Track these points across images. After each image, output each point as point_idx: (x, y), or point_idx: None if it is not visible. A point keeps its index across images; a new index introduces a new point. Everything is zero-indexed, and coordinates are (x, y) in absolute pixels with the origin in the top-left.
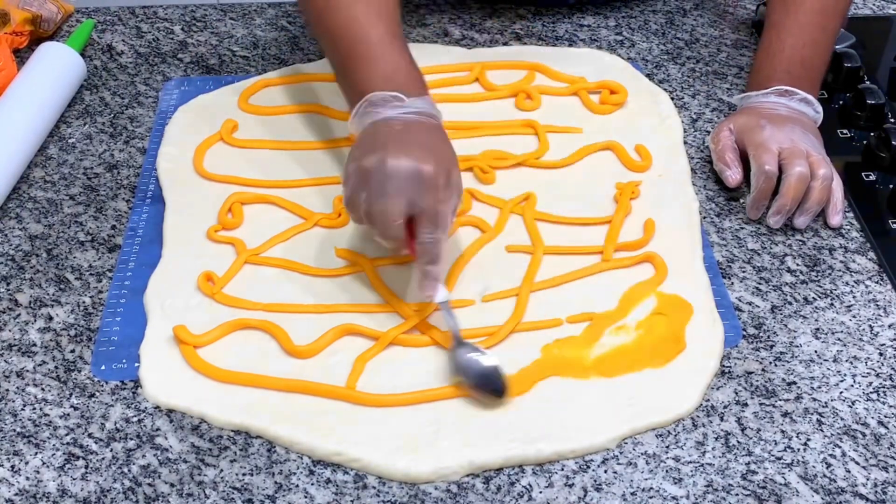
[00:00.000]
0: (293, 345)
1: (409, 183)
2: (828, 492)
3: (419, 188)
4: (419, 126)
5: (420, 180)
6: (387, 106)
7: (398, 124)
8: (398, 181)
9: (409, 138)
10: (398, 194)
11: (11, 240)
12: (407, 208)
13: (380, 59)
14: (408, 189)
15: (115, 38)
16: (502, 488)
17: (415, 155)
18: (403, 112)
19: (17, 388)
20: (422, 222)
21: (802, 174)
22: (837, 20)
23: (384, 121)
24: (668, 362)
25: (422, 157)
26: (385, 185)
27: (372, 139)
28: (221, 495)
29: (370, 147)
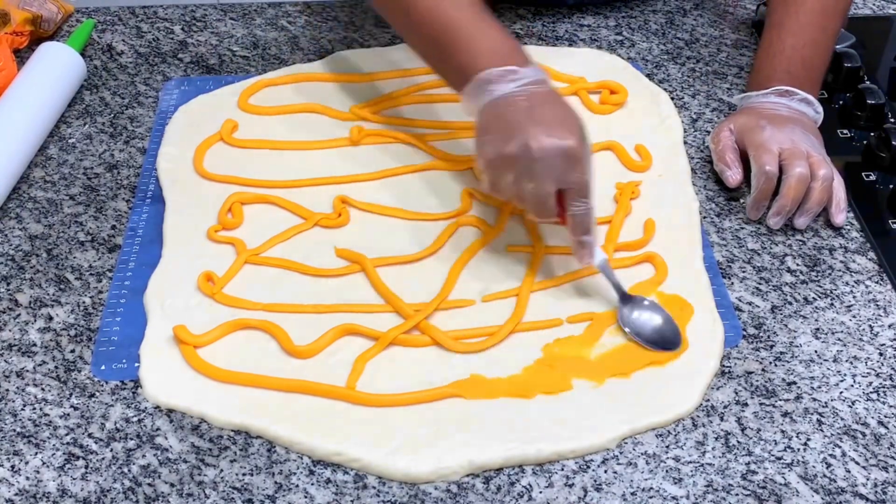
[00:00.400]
0: (293, 345)
1: (556, 162)
2: (828, 492)
3: (566, 165)
4: (543, 97)
5: (566, 156)
6: (502, 81)
7: (522, 99)
8: (546, 162)
9: (540, 115)
10: (547, 175)
11: (11, 240)
12: (556, 185)
13: (479, 37)
14: (556, 168)
15: (115, 38)
16: (502, 488)
17: (555, 132)
18: (521, 85)
19: (17, 388)
20: (572, 196)
21: (803, 175)
22: (838, 20)
23: (505, 98)
24: (668, 362)
25: (562, 134)
26: (532, 167)
27: (503, 120)
28: (221, 495)
29: (505, 129)
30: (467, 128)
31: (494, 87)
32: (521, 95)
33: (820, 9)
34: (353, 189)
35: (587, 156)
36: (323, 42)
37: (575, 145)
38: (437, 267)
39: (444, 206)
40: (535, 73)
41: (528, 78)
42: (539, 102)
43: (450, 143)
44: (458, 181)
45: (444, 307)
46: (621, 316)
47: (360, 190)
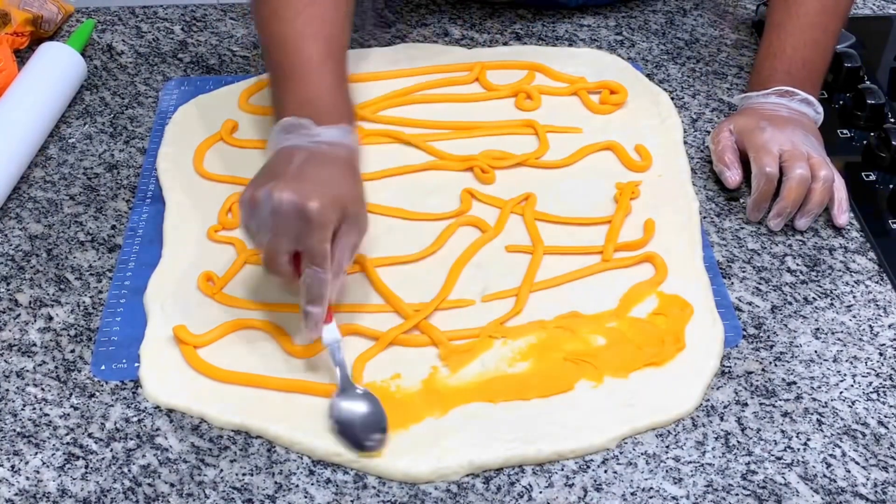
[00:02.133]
0: (293, 345)
1: (292, 220)
2: (828, 492)
3: (303, 226)
4: (322, 158)
5: (304, 218)
6: (295, 133)
7: (301, 154)
8: (281, 218)
9: (304, 171)
10: (282, 231)
11: (11, 240)
12: (292, 245)
13: (301, 82)
14: (291, 226)
15: (115, 38)
16: (502, 488)
17: (304, 190)
18: (310, 141)
19: (17, 388)
20: (304, 261)
21: (803, 176)
22: (838, 21)
23: (288, 149)
24: (667, 362)
25: (310, 194)
26: (269, 220)
27: (270, 168)
28: (221, 495)
29: (265, 176)
30: (467, 128)
31: (287, 137)
32: (303, 150)
33: (820, 9)
34: None
35: (344, 225)
36: None
37: (316, 208)
38: (437, 267)
39: (444, 206)
40: (336, 134)
41: (322, 137)
42: (315, 161)
43: (450, 143)
44: (458, 181)
45: (444, 307)
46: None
47: None
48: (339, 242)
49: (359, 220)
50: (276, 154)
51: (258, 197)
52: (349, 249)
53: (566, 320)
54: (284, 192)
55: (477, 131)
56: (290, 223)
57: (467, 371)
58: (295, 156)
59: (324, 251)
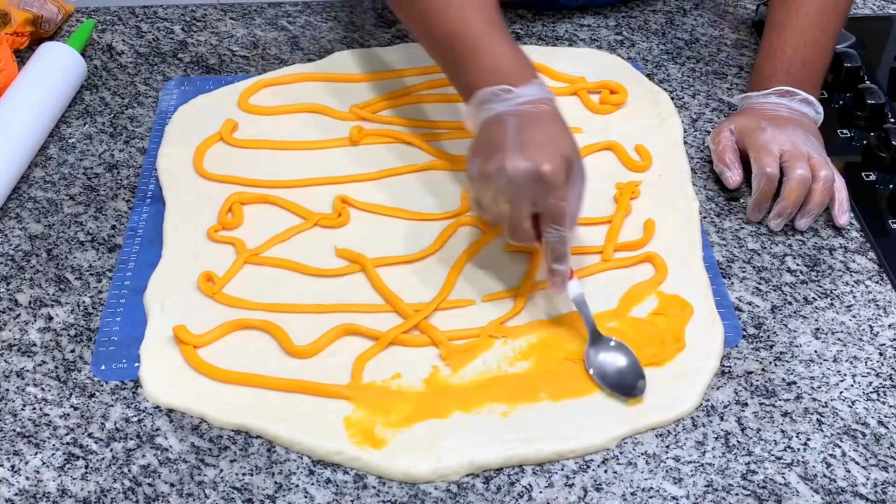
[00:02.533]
0: (293, 345)
1: (530, 185)
2: (828, 492)
3: (541, 189)
4: (533, 118)
5: (541, 181)
6: (496, 100)
7: (511, 119)
8: (519, 185)
9: (524, 136)
10: (521, 198)
11: (11, 240)
12: (532, 209)
13: (483, 53)
14: (530, 191)
15: (115, 38)
16: (502, 488)
17: (532, 155)
18: (514, 105)
19: (17, 388)
20: (546, 221)
21: (804, 177)
22: (838, 21)
23: (496, 117)
24: (667, 362)
25: (540, 156)
26: (507, 189)
27: (489, 140)
28: (221, 495)
29: (488, 148)
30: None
31: (489, 107)
32: (511, 115)
33: (820, 9)
34: (353, 189)
35: (567, 182)
36: (323, 42)
37: (551, 170)
38: (437, 267)
39: (444, 206)
40: (534, 91)
41: (524, 97)
42: (528, 123)
43: (450, 143)
44: (458, 181)
45: (444, 307)
46: (587, 356)
47: (360, 190)
48: (570, 196)
49: (582, 170)
50: (486, 125)
51: (489, 170)
52: (578, 199)
53: (566, 320)
54: (518, 160)
55: None
56: (528, 189)
57: (468, 371)
58: (507, 123)
59: (563, 209)
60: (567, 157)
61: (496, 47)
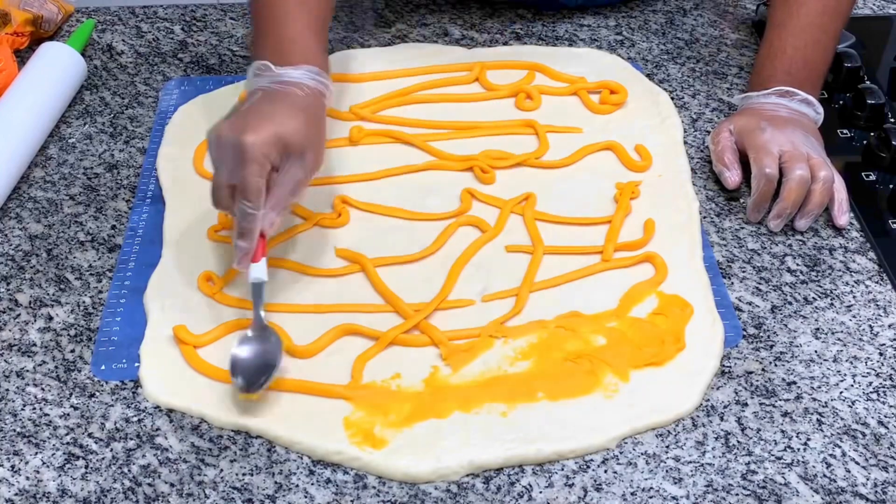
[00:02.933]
0: (293, 345)
1: (229, 153)
2: (828, 492)
3: (235, 162)
4: (273, 96)
5: (238, 151)
6: (260, 75)
7: (256, 94)
8: (219, 152)
9: (252, 109)
10: (221, 164)
11: (11, 240)
12: (229, 178)
13: (274, 27)
14: (228, 160)
15: (115, 38)
16: (502, 488)
17: (240, 125)
18: (267, 81)
19: (17, 388)
20: (237, 193)
21: (803, 177)
22: (839, 21)
23: (250, 91)
24: (667, 362)
25: (247, 128)
26: (213, 153)
27: (233, 108)
28: (221, 495)
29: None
30: (467, 128)
31: (253, 80)
32: (260, 90)
33: (821, 9)
34: (353, 189)
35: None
36: None
37: (250, 142)
38: (437, 267)
39: (444, 206)
40: (297, 75)
41: (280, 78)
42: (266, 100)
43: (450, 143)
44: (458, 181)
45: (444, 307)
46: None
47: (360, 190)
48: (281, 179)
49: (304, 157)
50: (247, 94)
51: (209, 134)
52: (291, 185)
53: (566, 320)
54: (225, 128)
55: (477, 131)
56: (227, 157)
57: (468, 371)
58: (252, 96)
59: (255, 185)
60: (282, 138)
61: (291, 26)
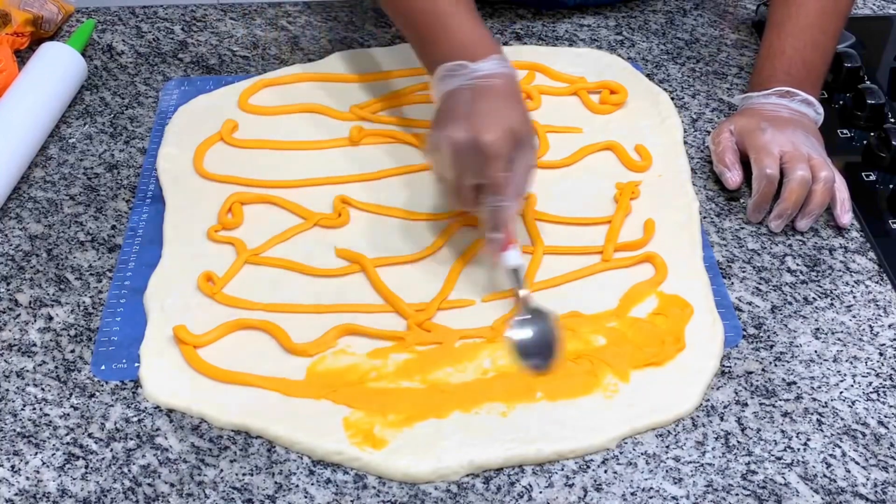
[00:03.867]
0: (293, 344)
1: (469, 154)
2: (828, 492)
3: (480, 160)
4: (483, 91)
5: (481, 152)
6: (454, 75)
7: (466, 92)
8: (460, 155)
9: (473, 107)
10: (462, 167)
11: (11, 240)
12: (473, 179)
13: (447, 29)
14: (469, 160)
15: (116, 38)
16: (502, 488)
17: (474, 125)
18: (469, 79)
19: (17, 388)
20: (486, 191)
21: (804, 178)
22: (839, 21)
23: (452, 91)
24: (667, 362)
25: (481, 128)
26: (451, 159)
27: (442, 112)
28: (221, 495)
29: (441, 121)
30: None
31: (448, 81)
32: (466, 88)
33: (820, 10)
34: (353, 189)
35: (517, 152)
36: (323, 42)
37: (490, 140)
38: (437, 267)
39: (444, 206)
40: (491, 66)
41: (479, 72)
42: (479, 96)
43: None
44: None
45: (444, 307)
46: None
47: (360, 190)
48: (516, 167)
49: (531, 142)
50: (443, 98)
51: (436, 141)
52: (526, 171)
53: (566, 320)
54: (458, 131)
55: None
56: (469, 159)
57: (468, 370)
58: (461, 96)
59: (501, 180)
60: (512, 129)
61: (459, 24)
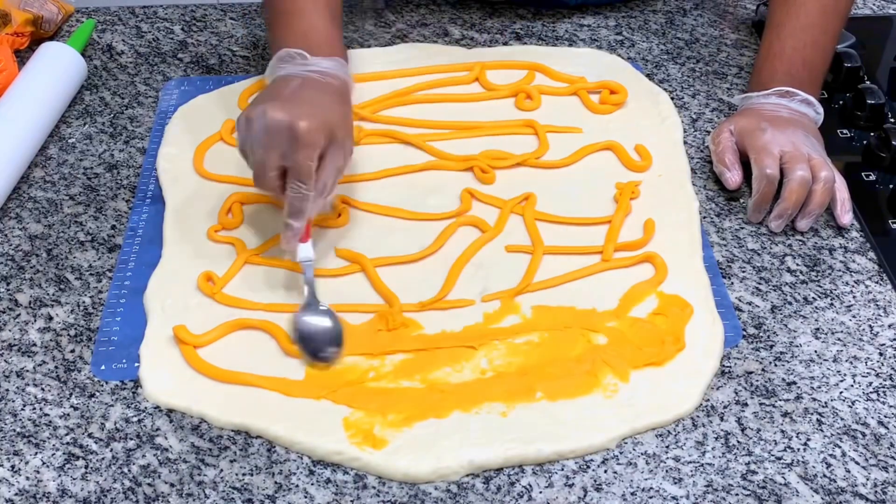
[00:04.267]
0: (293, 344)
1: (281, 137)
2: (828, 492)
3: (291, 143)
4: (314, 84)
5: (293, 135)
6: (291, 62)
7: (296, 80)
8: (273, 134)
9: (297, 94)
10: (271, 147)
11: (11, 240)
12: (279, 161)
13: (297, 17)
14: (281, 143)
15: (115, 38)
16: (502, 488)
17: (295, 111)
18: (304, 69)
19: (17, 388)
20: (290, 176)
21: (804, 178)
22: (838, 21)
23: (284, 76)
24: (667, 362)
25: (301, 114)
26: (262, 136)
27: (267, 92)
28: (221, 495)
29: (261, 99)
30: (467, 128)
31: (284, 66)
32: (298, 77)
33: (820, 10)
34: (353, 189)
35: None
36: None
37: (304, 127)
38: (437, 267)
39: (444, 206)
40: (330, 65)
41: (315, 67)
42: (307, 87)
43: (450, 143)
44: (458, 181)
45: (444, 307)
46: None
47: (360, 190)
48: (326, 164)
49: (345, 145)
50: (273, 81)
51: (252, 116)
52: (335, 171)
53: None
54: (277, 111)
55: (477, 131)
56: (280, 140)
57: (467, 371)
58: (291, 82)
59: (309, 168)
60: (330, 125)
61: (314, 16)
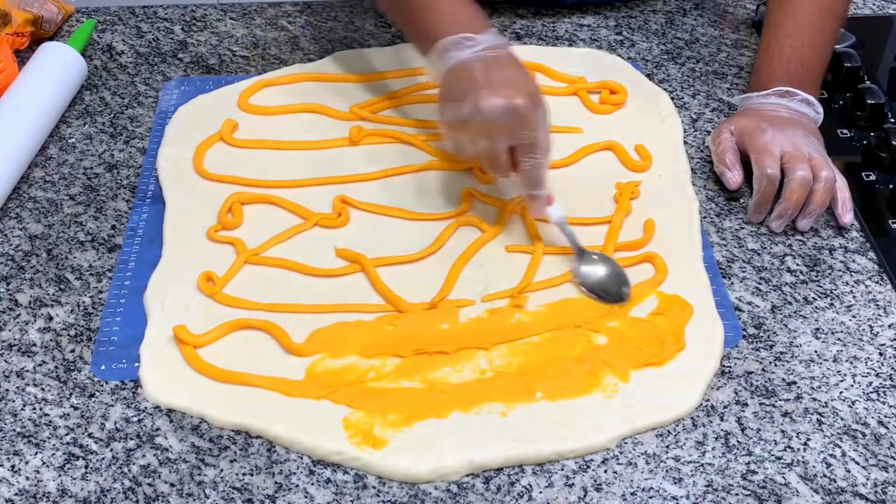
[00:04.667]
0: (293, 344)
1: (504, 120)
2: (828, 492)
3: (514, 123)
4: (496, 61)
5: (514, 115)
6: (460, 48)
7: (477, 64)
8: (495, 120)
9: (491, 77)
10: (497, 132)
11: (11, 240)
12: (508, 142)
13: (437, 8)
14: (505, 125)
15: (116, 38)
16: (502, 488)
17: (503, 93)
18: (477, 51)
19: (17, 388)
20: (522, 152)
21: (805, 178)
22: (836, 21)
23: (462, 63)
24: (667, 362)
25: (509, 93)
26: (483, 126)
27: (458, 85)
28: (221, 495)
29: (459, 93)
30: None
31: (453, 55)
32: (476, 61)
33: (817, 9)
34: (353, 189)
35: (539, 114)
36: (323, 42)
37: (522, 103)
38: (437, 267)
39: (444, 206)
40: (492, 39)
41: (484, 44)
42: (492, 66)
43: None
44: (458, 181)
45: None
46: (574, 272)
47: (360, 190)
48: (541, 129)
49: (546, 106)
50: (452, 72)
51: (464, 112)
52: (547, 130)
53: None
54: (490, 98)
55: None
56: (503, 122)
57: (467, 371)
58: (474, 67)
59: (537, 139)
60: (531, 93)
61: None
